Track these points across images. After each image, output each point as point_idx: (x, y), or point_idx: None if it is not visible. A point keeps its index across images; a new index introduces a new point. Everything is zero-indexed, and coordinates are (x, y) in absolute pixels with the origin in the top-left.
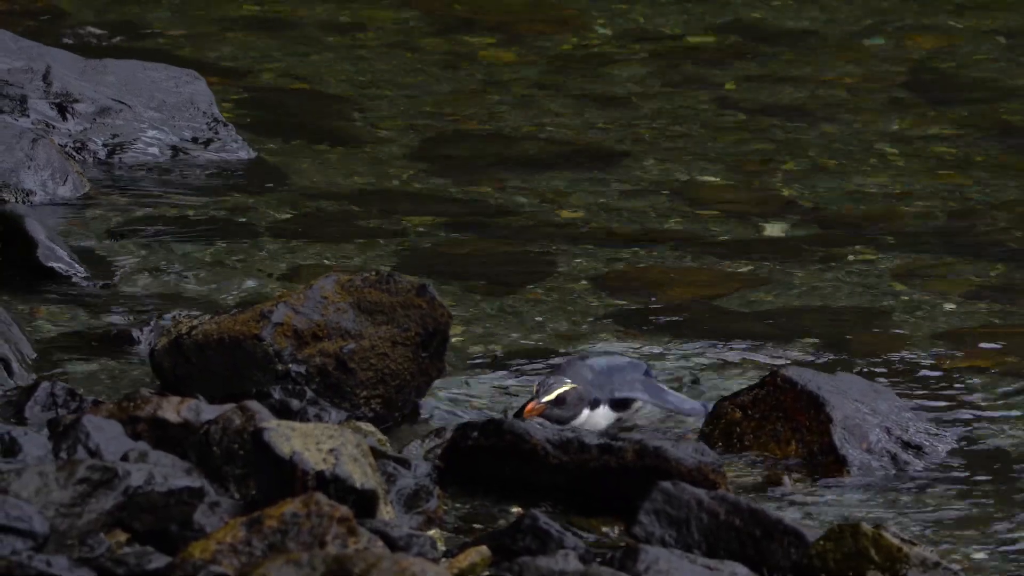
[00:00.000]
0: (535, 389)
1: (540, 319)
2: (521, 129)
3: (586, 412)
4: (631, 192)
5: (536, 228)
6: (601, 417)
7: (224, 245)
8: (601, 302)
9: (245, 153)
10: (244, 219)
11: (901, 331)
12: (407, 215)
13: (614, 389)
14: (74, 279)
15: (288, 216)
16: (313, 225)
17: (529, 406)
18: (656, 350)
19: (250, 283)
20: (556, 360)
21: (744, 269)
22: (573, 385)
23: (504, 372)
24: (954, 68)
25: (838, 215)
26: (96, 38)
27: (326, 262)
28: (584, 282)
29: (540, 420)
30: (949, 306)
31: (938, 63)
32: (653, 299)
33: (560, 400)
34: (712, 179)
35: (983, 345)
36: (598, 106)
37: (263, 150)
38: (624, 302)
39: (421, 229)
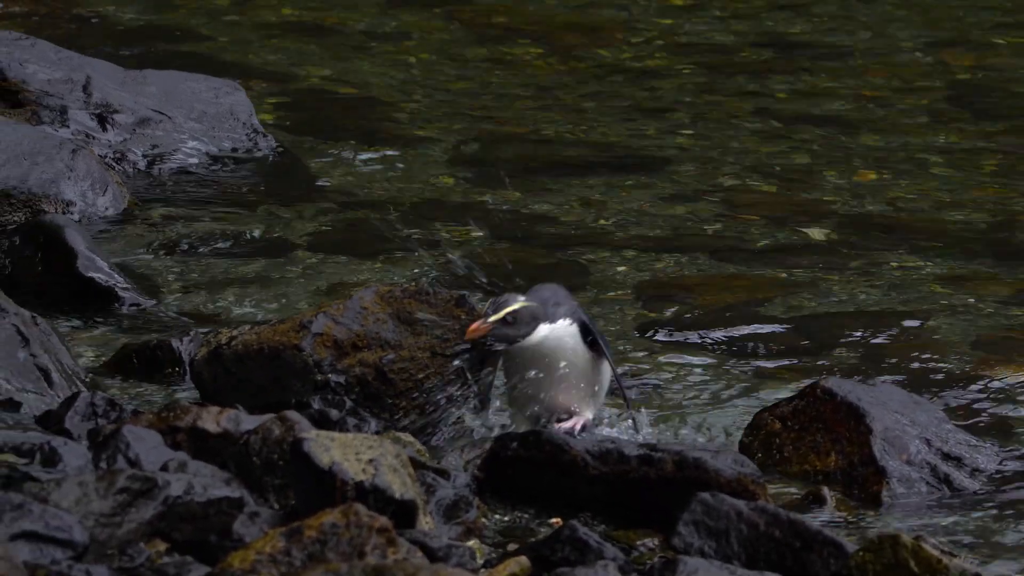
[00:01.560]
0: (485, 309)
1: None
2: (562, 136)
3: (544, 327)
4: (671, 199)
5: (577, 235)
6: (565, 334)
7: (263, 256)
8: (641, 308)
9: (285, 163)
10: (283, 230)
11: (941, 339)
12: (448, 223)
13: (581, 315)
14: (114, 289)
15: (328, 227)
16: (353, 235)
17: (473, 325)
18: (695, 357)
19: (290, 293)
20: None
21: (784, 276)
22: (526, 303)
23: None
24: (995, 82)
25: (878, 222)
26: (138, 44)
27: (365, 272)
28: (625, 288)
29: (489, 340)
30: (989, 314)
31: (979, 77)
32: (690, 304)
33: (511, 318)
34: (753, 185)
35: None
36: (639, 114)
37: (304, 159)
38: (664, 308)
39: (462, 237)
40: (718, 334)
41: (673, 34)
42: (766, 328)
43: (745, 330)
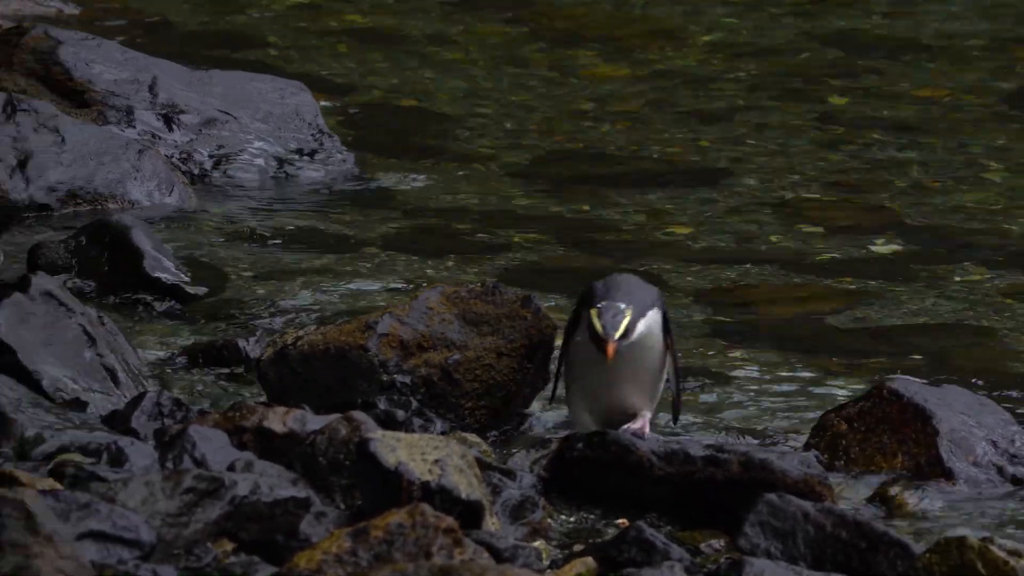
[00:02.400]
0: (599, 326)
1: None
2: (625, 146)
3: (642, 324)
4: (735, 209)
5: (640, 245)
6: (653, 323)
7: (329, 257)
8: (706, 319)
9: (350, 165)
10: (349, 231)
11: (1008, 348)
12: (511, 231)
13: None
14: (180, 289)
15: (392, 230)
16: (417, 239)
17: (610, 349)
18: (761, 362)
19: (354, 295)
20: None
21: (849, 286)
22: (628, 311)
23: None
24: None
25: (943, 231)
26: (202, 49)
27: (429, 275)
28: (688, 299)
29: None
30: None
31: None
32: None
33: (627, 333)
34: (816, 195)
35: None
36: (701, 122)
37: (368, 163)
38: (728, 319)
39: (525, 245)
40: (783, 342)
41: (735, 38)
42: (831, 337)
43: (810, 338)
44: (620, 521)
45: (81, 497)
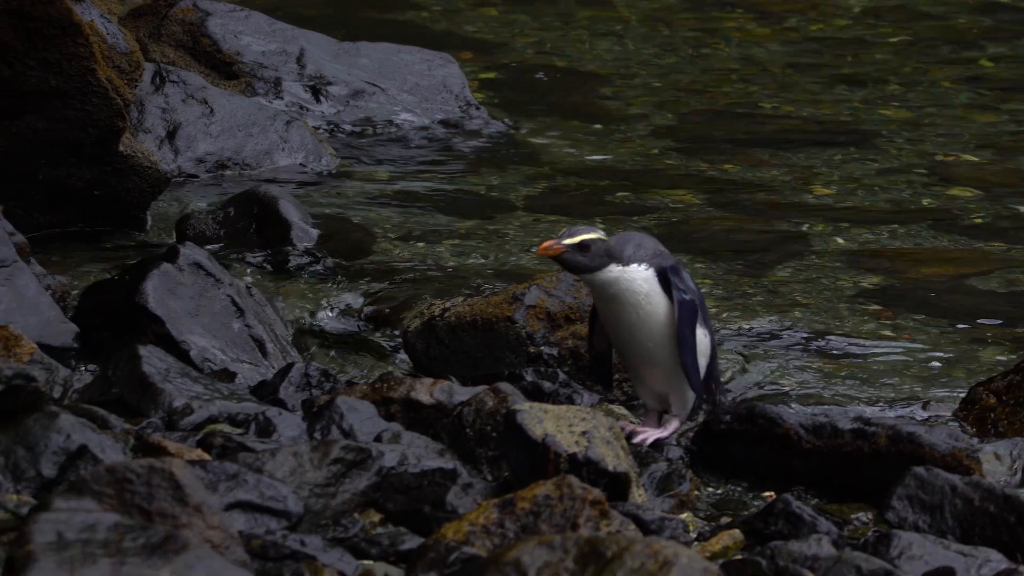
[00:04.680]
0: (560, 233)
1: (795, 296)
2: (773, 107)
3: (615, 268)
4: (884, 170)
5: (789, 206)
6: (638, 277)
7: (475, 223)
8: (854, 280)
9: (497, 134)
10: (495, 195)
11: None
12: (659, 192)
13: (678, 270)
14: (327, 259)
15: (539, 193)
16: (565, 202)
17: (545, 243)
18: (909, 329)
19: (503, 261)
20: (808, 338)
21: (999, 249)
22: (601, 235)
23: (761, 350)
24: None
25: None
26: (350, 12)
27: None
28: (838, 260)
29: (560, 263)
30: None
31: None
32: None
33: (583, 246)
34: (967, 157)
35: None
36: (851, 84)
37: (515, 127)
38: (877, 280)
39: (672, 206)
40: (932, 307)
41: (886, 1)
42: (981, 302)
43: (960, 304)
44: (767, 494)
45: (229, 467)
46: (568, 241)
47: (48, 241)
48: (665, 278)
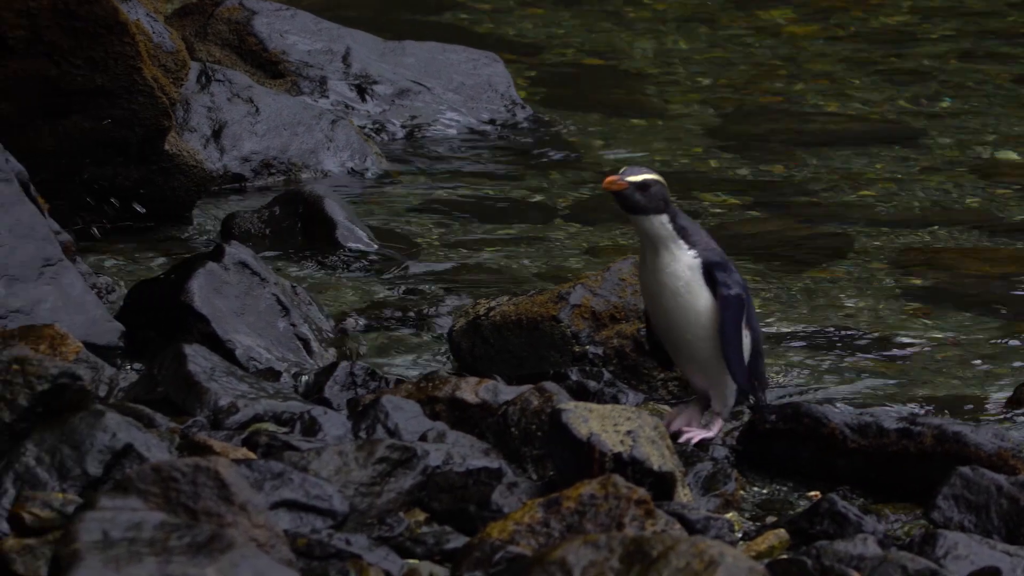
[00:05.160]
0: (621, 170)
1: (839, 296)
2: (818, 106)
3: (664, 219)
4: (929, 169)
5: (833, 206)
6: (684, 263)
7: (521, 224)
8: (899, 280)
9: (542, 133)
10: (541, 198)
11: None
12: (703, 192)
13: (726, 266)
14: (372, 259)
15: (585, 195)
16: (607, 204)
17: (610, 178)
18: (953, 329)
19: (548, 261)
20: (853, 336)
21: None
22: (661, 180)
23: (806, 350)
24: None
25: None
26: (394, 12)
27: (622, 241)
28: (883, 259)
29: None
30: None
31: None
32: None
33: (644, 186)
34: (1013, 157)
35: None
36: (896, 82)
37: (560, 126)
38: (922, 280)
39: (717, 208)
40: (977, 307)
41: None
42: None
43: (1005, 303)
44: (812, 493)
45: (275, 466)
46: (631, 179)
47: (93, 240)
48: (711, 273)
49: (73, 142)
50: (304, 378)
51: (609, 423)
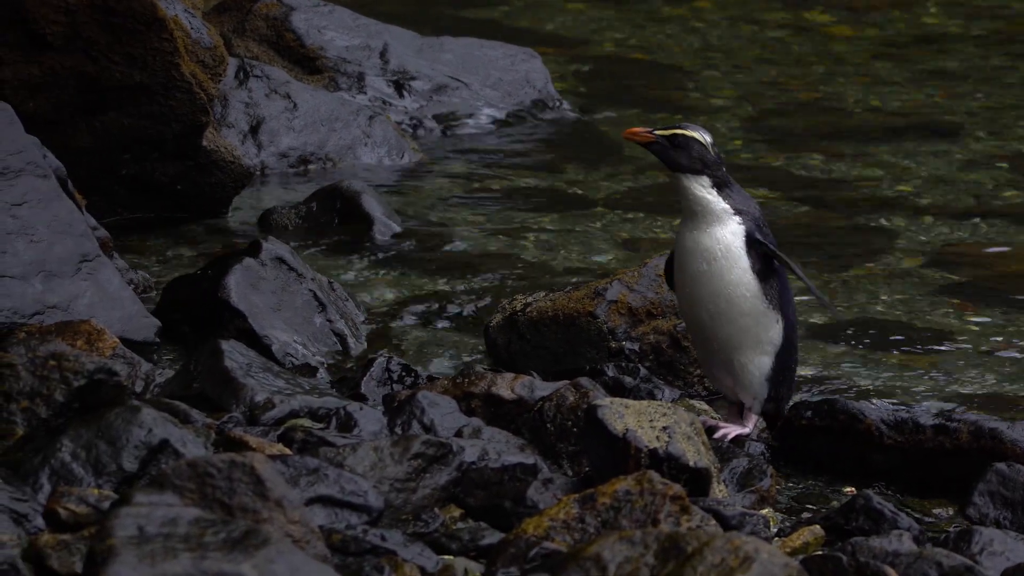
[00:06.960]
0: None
1: (876, 291)
2: (856, 102)
3: (705, 182)
4: (966, 165)
5: (871, 201)
6: (729, 228)
7: (560, 217)
8: (938, 275)
9: (580, 129)
10: (580, 191)
11: None
12: (743, 186)
13: (759, 228)
14: (409, 255)
15: (623, 189)
16: (648, 197)
17: (635, 128)
18: (993, 324)
19: (586, 255)
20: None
21: None
22: (707, 139)
23: (842, 344)
24: None
25: None
26: (433, 7)
27: (661, 234)
28: (922, 254)
29: (652, 149)
30: None
31: None
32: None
33: (675, 140)
34: None
35: None
36: (933, 80)
37: (597, 121)
38: (960, 276)
39: (757, 201)
40: (1015, 302)
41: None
42: None
43: None
44: (848, 489)
45: (310, 462)
46: (660, 132)
47: (131, 235)
48: (753, 241)
49: (111, 138)
50: (340, 374)
51: (645, 419)
